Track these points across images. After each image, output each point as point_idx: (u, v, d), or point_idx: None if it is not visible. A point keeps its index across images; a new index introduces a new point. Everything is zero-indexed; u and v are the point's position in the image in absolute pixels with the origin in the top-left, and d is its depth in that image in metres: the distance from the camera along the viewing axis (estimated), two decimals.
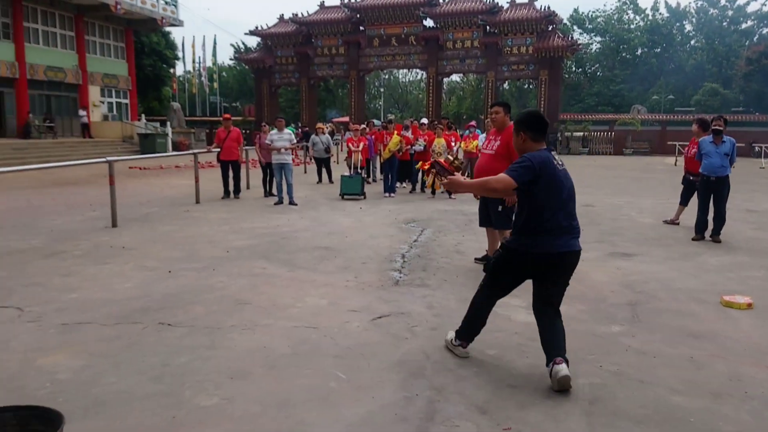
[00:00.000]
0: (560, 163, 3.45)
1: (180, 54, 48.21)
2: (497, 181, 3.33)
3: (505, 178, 3.28)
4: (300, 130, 31.11)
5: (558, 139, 33.99)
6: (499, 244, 5.82)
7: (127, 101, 34.29)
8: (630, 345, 3.95)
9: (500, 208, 5.77)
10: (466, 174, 14.27)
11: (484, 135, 12.76)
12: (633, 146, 33.52)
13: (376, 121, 19.40)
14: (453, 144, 13.21)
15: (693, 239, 7.72)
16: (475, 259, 6.33)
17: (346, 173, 12.41)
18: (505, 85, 47.92)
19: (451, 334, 3.83)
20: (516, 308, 4.69)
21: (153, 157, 15.33)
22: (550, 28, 35.30)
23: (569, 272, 3.57)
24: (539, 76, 35.33)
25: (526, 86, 54.47)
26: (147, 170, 18.46)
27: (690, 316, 4.60)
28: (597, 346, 3.92)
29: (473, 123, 16.02)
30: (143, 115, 33.64)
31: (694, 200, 8.36)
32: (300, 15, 38.88)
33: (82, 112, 29.30)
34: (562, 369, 3.24)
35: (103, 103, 32.10)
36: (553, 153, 3.46)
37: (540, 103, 35.74)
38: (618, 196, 12.60)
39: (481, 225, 6.26)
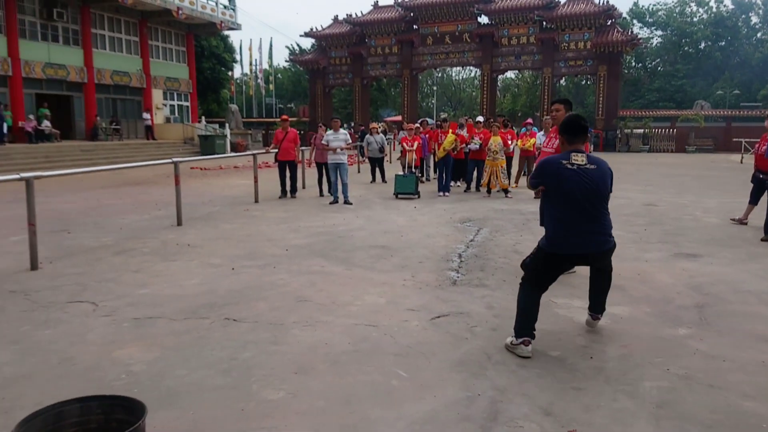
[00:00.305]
0: (574, 164, 3.55)
1: (238, 57, 49.46)
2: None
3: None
4: (353, 129, 31.40)
5: (617, 136, 33.08)
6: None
7: (187, 104, 35.40)
8: (698, 348, 3.83)
9: None
10: (523, 173, 14.12)
11: (542, 133, 12.56)
12: (696, 143, 32.28)
13: (429, 120, 19.34)
14: (509, 142, 13.07)
15: (762, 240, 7.39)
16: None
17: (400, 172, 12.46)
18: (562, 82, 47.00)
19: (510, 338, 3.81)
20: (578, 309, 4.62)
21: (213, 158, 15.77)
22: (609, 23, 34.38)
23: (603, 261, 3.86)
24: (598, 72, 34.46)
25: (584, 82, 53.23)
26: (207, 170, 19.02)
27: (760, 319, 4.42)
28: (664, 349, 3.82)
29: (530, 120, 15.79)
30: (203, 117, 34.69)
31: (763, 199, 8.01)
32: (354, 15, 39.22)
33: (145, 115, 30.44)
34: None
35: (165, 105, 33.27)
36: (574, 154, 3.57)
37: (598, 100, 34.86)
38: (682, 195, 12.18)
39: (542, 224, 6.15)
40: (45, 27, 26.19)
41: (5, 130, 22.78)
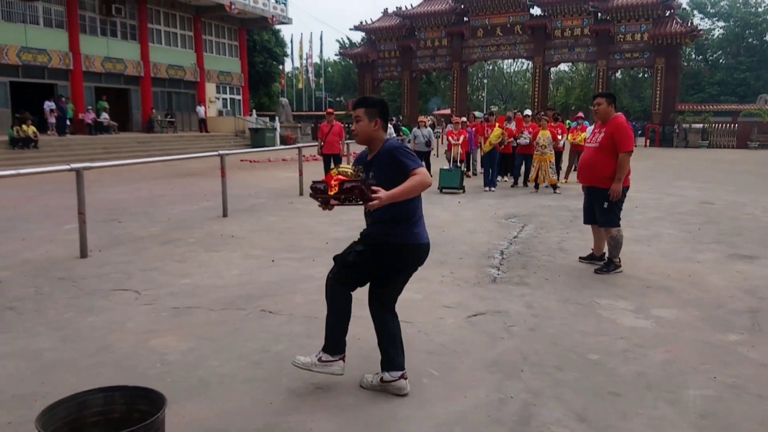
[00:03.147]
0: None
1: (289, 51, 50.05)
2: (422, 178, 2.97)
3: (425, 172, 3.01)
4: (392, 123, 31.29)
5: (675, 131, 31.87)
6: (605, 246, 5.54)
7: (239, 97, 36.08)
8: (748, 356, 3.62)
9: (606, 204, 5.48)
10: (573, 168, 13.74)
11: (593, 127, 12.22)
12: (759, 139, 30.72)
13: (477, 113, 19.07)
14: (559, 136, 12.75)
15: None
16: (580, 258, 6.05)
17: (445, 166, 12.32)
18: (618, 75, 45.57)
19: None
20: (622, 311, 4.45)
21: (262, 151, 16.01)
22: (667, 14, 33.12)
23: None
24: (655, 65, 33.28)
25: (640, 75, 51.56)
26: (256, 163, 19.31)
27: None
28: (711, 356, 3.63)
29: (581, 114, 15.36)
30: (254, 111, 35.27)
31: None
32: (404, 8, 39.05)
33: (199, 108, 31.19)
34: None
35: (218, 99, 34.00)
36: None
37: (655, 93, 33.70)
38: (741, 194, 11.61)
39: (585, 222, 5.97)
40: (104, 22, 27.12)
41: (67, 122, 23.79)
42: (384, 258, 3.16)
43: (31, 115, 20.60)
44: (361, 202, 2.86)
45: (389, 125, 12.22)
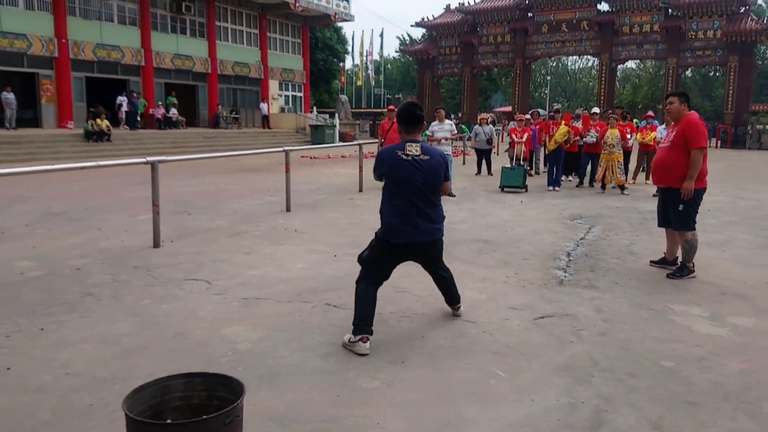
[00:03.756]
0: (408, 155, 3.68)
1: (349, 48, 50.43)
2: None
3: None
4: (459, 119, 31.04)
5: (748, 132, 30.31)
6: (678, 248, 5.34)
7: (301, 94, 36.67)
8: None
9: (681, 207, 5.26)
10: (641, 168, 13.28)
11: (663, 126, 11.76)
12: None
13: (541, 111, 18.68)
14: (628, 135, 12.36)
15: None
16: (651, 262, 5.84)
17: (507, 165, 12.14)
18: (688, 73, 43.79)
19: (348, 335, 3.69)
20: (697, 318, 4.27)
21: (322, 148, 16.22)
22: (742, 10, 31.55)
23: (433, 252, 4.04)
24: (728, 63, 31.80)
25: (711, 74, 49.35)
26: (316, 159, 19.58)
27: None
28: None
29: (651, 113, 14.81)
30: (314, 108, 35.76)
31: None
32: (466, 4, 38.72)
33: (262, 105, 31.88)
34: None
35: (280, 96, 34.66)
36: (409, 144, 3.71)
37: (728, 93, 32.19)
38: None
39: (660, 225, 5.76)
40: (174, 20, 28.08)
41: (138, 116, 24.79)
42: None
43: (105, 110, 21.58)
44: None
45: (451, 122, 12.12)
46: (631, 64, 52.55)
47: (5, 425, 2.71)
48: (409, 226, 3.71)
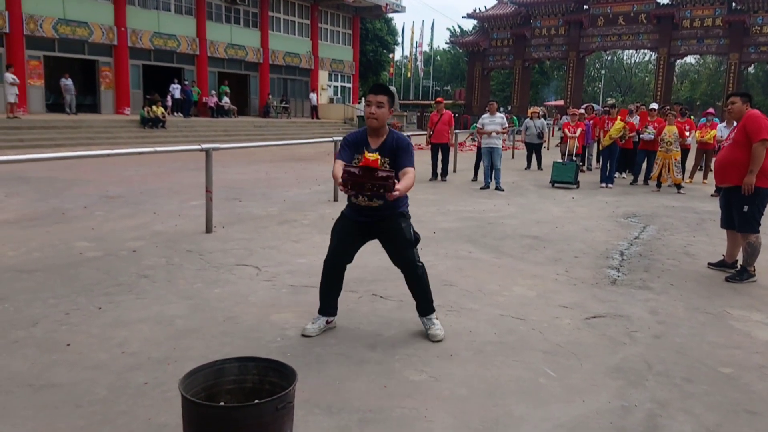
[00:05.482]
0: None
1: (399, 39, 50.28)
2: (414, 176, 3.52)
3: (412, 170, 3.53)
4: (509, 113, 30.54)
5: None
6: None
7: (349, 85, 36.80)
8: None
9: (746, 208, 5.04)
10: (699, 167, 12.82)
11: (723, 125, 11.30)
12: None
13: (594, 106, 18.23)
14: (687, 133, 11.93)
15: None
16: (709, 264, 5.62)
17: (558, 160, 11.89)
18: (750, 69, 41.97)
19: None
20: (757, 324, 4.09)
21: None
22: None
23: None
24: None
25: None
26: None
27: None
28: None
29: (712, 110, 14.24)
30: (363, 99, 35.75)
31: None
32: None
33: (312, 95, 32.16)
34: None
35: (329, 86, 34.86)
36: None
37: None
38: None
39: (723, 226, 5.52)
40: (228, 10, 28.56)
41: (191, 105, 25.37)
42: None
43: (160, 97, 22.17)
44: (382, 191, 3.16)
45: (502, 115, 11.95)
46: (690, 59, 50.82)
47: (65, 399, 2.82)
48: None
